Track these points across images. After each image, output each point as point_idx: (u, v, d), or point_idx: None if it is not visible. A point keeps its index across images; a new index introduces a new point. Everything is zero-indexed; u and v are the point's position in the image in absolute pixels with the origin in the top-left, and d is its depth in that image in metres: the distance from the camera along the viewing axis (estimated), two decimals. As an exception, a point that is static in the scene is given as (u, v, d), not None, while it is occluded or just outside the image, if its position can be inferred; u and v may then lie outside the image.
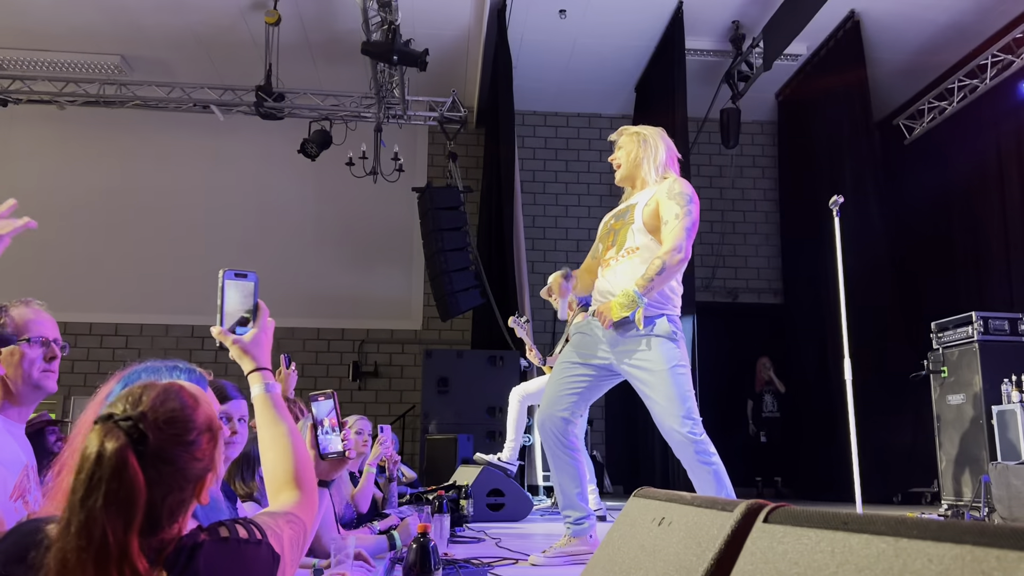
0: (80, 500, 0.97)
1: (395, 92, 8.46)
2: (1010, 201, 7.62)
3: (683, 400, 2.97)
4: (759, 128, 10.00)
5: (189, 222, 9.21)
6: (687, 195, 3.09)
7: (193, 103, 8.66)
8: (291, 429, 1.42)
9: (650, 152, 3.25)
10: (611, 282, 3.15)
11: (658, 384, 3.01)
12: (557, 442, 3.22)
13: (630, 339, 3.06)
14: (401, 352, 9.42)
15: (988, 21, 7.57)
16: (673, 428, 2.97)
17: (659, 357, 3.01)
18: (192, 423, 1.11)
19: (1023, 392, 5.37)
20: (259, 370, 1.48)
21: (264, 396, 1.45)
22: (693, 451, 2.95)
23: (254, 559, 1.11)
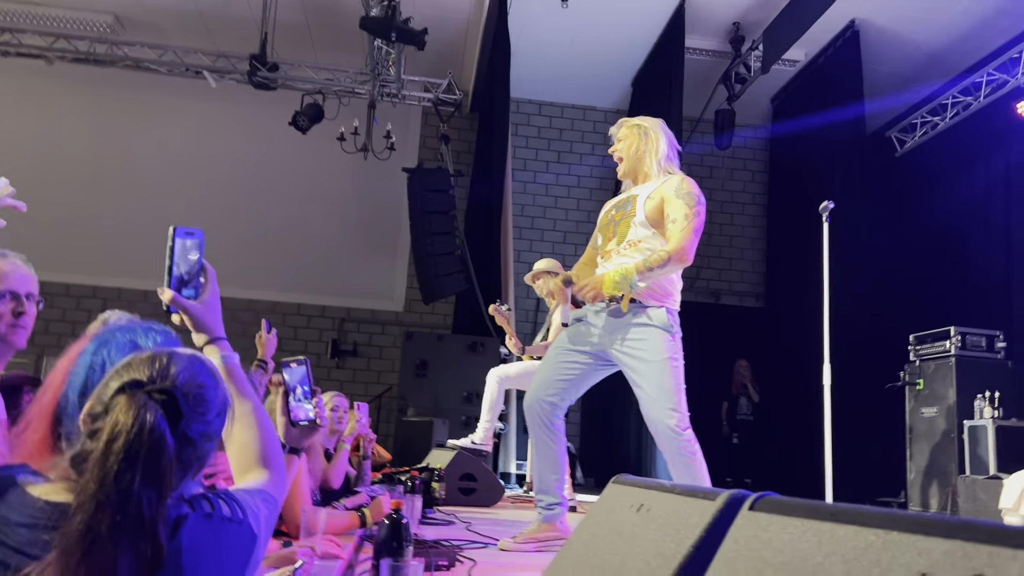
0: (116, 474, 0.93)
1: (391, 70, 8.39)
2: (994, 220, 7.68)
3: (673, 393, 2.96)
4: (752, 132, 10.02)
5: (174, 187, 9.09)
6: (695, 195, 3.07)
7: (185, 67, 8.55)
8: (256, 406, 1.35)
9: (651, 145, 3.22)
10: None
11: (649, 374, 2.99)
12: (542, 426, 3.20)
13: (626, 327, 3.04)
14: (381, 333, 9.38)
15: (986, 40, 7.61)
16: (659, 420, 2.96)
17: (654, 347, 3.00)
18: (212, 403, 1.09)
19: (996, 408, 5.43)
20: (215, 340, 1.39)
21: (224, 369, 1.35)
22: (677, 445, 2.94)
23: (234, 539, 1.07)
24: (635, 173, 3.25)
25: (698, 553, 1.04)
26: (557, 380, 3.20)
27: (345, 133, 8.08)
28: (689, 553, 1.04)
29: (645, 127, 3.26)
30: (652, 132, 3.25)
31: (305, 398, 1.80)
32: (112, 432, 0.95)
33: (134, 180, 9.07)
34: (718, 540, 1.02)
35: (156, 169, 9.13)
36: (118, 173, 9.08)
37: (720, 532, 1.04)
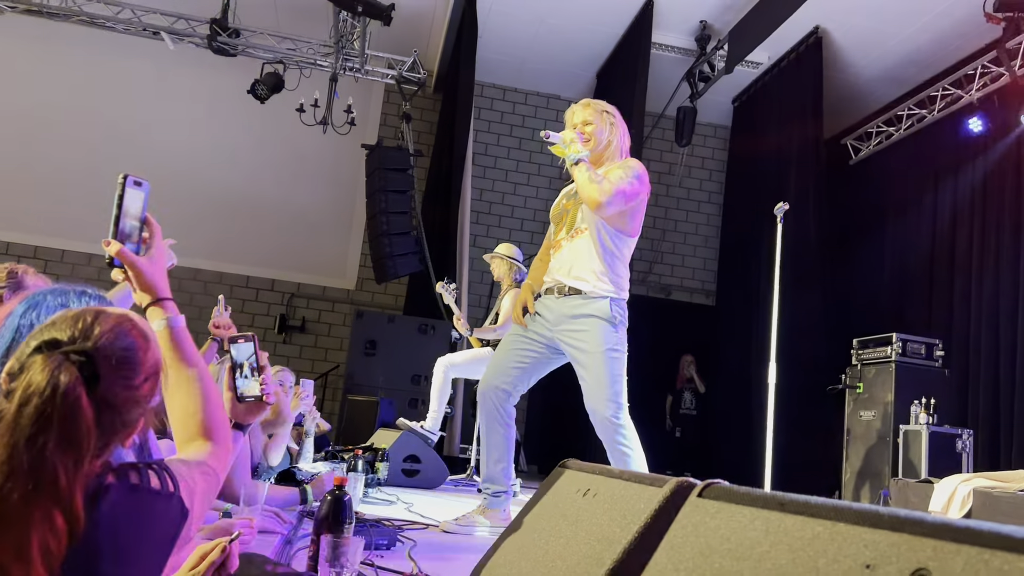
0: (27, 439, 0.87)
1: (355, 44, 8.26)
2: (939, 232, 7.89)
3: (611, 383, 3.01)
4: (712, 131, 10.11)
5: (124, 150, 8.82)
6: (635, 170, 3.11)
7: (143, 27, 8.28)
8: (202, 373, 1.28)
9: (615, 136, 3.25)
10: (561, 261, 3.18)
11: (590, 364, 3.04)
12: (495, 412, 3.22)
13: (571, 318, 3.09)
14: (331, 310, 9.27)
15: (943, 55, 7.78)
16: (597, 410, 3.02)
17: (595, 339, 3.04)
18: (141, 366, 1.03)
19: (931, 415, 5.59)
20: (161, 301, 1.31)
21: (167, 332, 1.27)
22: (615, 435, 3.01)
23: (162, 513, 1.02)
24: (599, 160, 3.23)
25: (643, 538, 1.04)
26: (511, 368, 3.23)
27: (305, 105, 7.93)
28: (635, 538, 1.04)
29: (613, 117, 3.27)
30: (618, 122, 3.28)
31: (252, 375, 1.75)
32: (25, 394, 0.90)
33: (81, 139, 8.78)
34: (665, 526, 1.02)
35: (105, 129, 8.85)
36: (65, 131, 8.78)
37: (667, 518, 1.04)
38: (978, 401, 6.97)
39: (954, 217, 7.72)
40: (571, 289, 3.12)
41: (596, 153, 3.21)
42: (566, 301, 3.11)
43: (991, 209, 7.26)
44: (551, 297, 3.18)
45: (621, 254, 3.18)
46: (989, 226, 7.25)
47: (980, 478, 4.53)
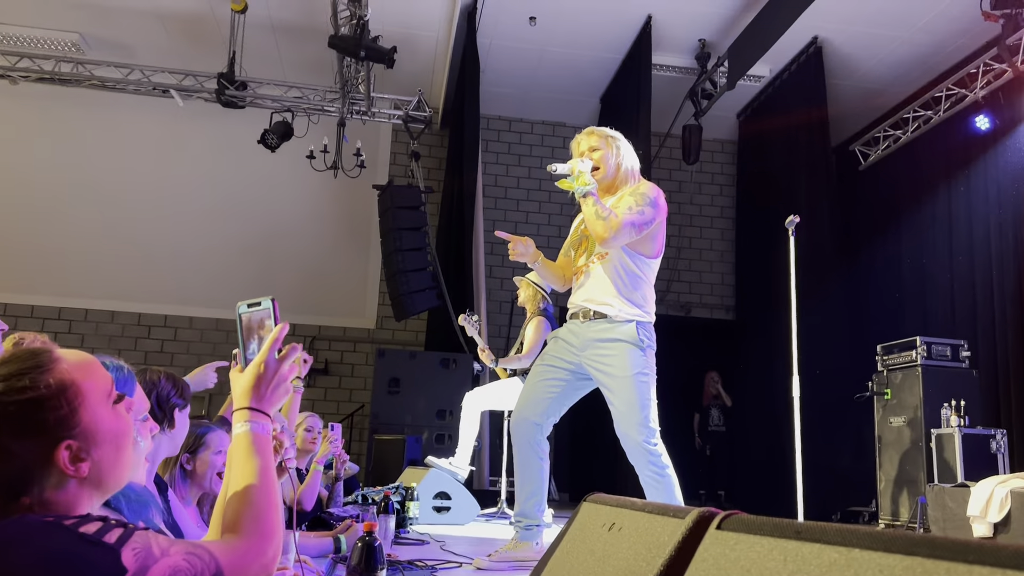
0: None
1: (360, 88, 8.39)
2: (956, 232, 7.83)
3: (642, 408, 2.99)
4: (719, 146, 10.15)
5: (141, 207, 9.00)
6: (649, 197, 3.09)
7: (152, 86, 8.48)
8: (264, 467, 1.25)
9: (625, 160, 3.25)
10: (585, 287, 3.17)
11: (619, 390, 3.02)
12: (528, 446, 3.20)
13: (597, 342, 3.08)
14: (353, 350, 9.33)
15: (945, 55, 7.79)
16: (628, 435, 2.99)
17: (623, 363, 3.02)
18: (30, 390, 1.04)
19: (961, 417, 5.52)
20: (247, 409, 1.29)
21: (248, 436, 1.27)
22: (647, 460, 2.97)
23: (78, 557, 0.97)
24: (611, 187, 3.24)
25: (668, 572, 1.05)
26: (540, 399, 3.21)
27: (315, 151, 8.05)
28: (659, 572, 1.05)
29: (618, 143, 3.27)
30: (623, 147, 3.28)
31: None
32: None
33: (100, 200, 8.96)
34: (687, 559, 1.04)
35: (122, 189, 9.03)
36: (84, 193, 8.97)
37: (689, 550, 1.05)
38: (1010, 400, 6.88)
39: (969, 215, 7.68)
40: (596, 314, 3.11)
41: (607, 180, 3.21)
42: (591, 325, 3.11)
43: (1007, 204, 7.21)
44: (576, 322, 3.17)
45: (645, 276, 3.16)
46: (1006, 222, 7.20)
47: (1017, 479, 4.46)
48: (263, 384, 1.30)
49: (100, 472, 1.08)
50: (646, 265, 3.16)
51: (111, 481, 1.11)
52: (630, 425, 2.99)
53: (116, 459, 1.11)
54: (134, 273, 8.86)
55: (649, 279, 3.18)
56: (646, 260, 3.15)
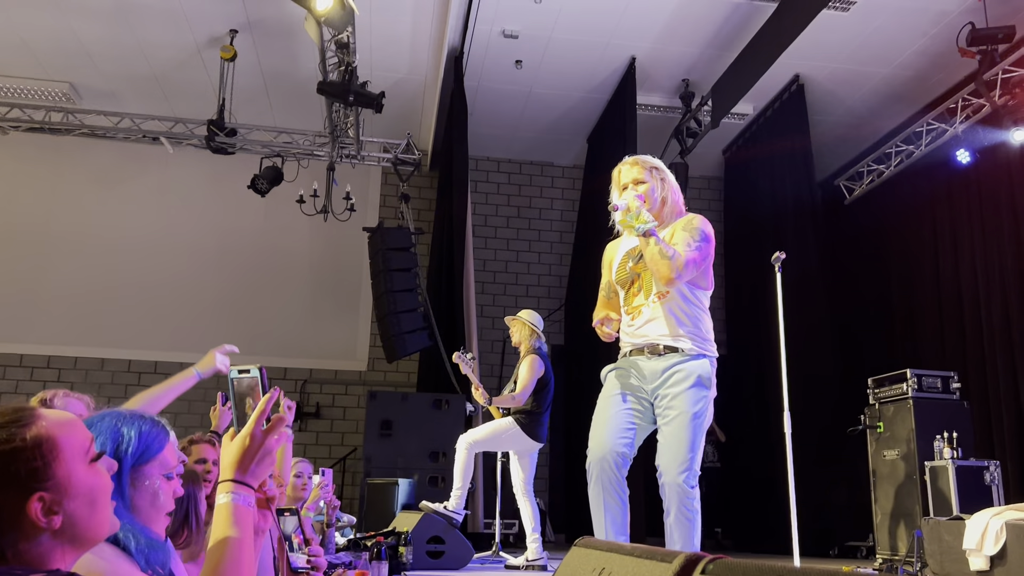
0: None
1: (349, 132, 8.47)
2: (943, 263, 7.91)
3: (690, 449, 2.93)
4: (706, 183, 10.25)
5: (131, 253, 9.01)
6: (701, 230, 3.07)
7: (142, 134, 8.54)
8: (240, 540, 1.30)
9: (669, 193, 3.19)
10: (648, 325, 3.09)
11: (675, 424, 2.96)
12: (613, 482, 3.02)
13: (670, 372, 3.00)
14: (345, 393, 9.29)
15: (924, 90, 7.94)
16: (669, 472, 2.93)
17: (687, 399, 2.96)
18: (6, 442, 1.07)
19: (954, 448, 5.52)
20: (231, 481, 1.33)
21: (230, 506, 1.31)
22: (681, 500, 2.93)
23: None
24: (659, 219, 3.12)
25: (656, 618, 1.05)
26: (624, 427, 3.04)
27: (304, 195, 8.10)
28: (647, 619, 1.05)
29: (662, 173, 3.21)
30: (668, 178, 3.23)
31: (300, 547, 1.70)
32: None
33: (90, 248, 8.97)
34: (675, 604, 1.04)
35: (112, 236, 9.05)
36: (74, 242, 8.98)
37: (677, 596, 1.05)
38: (1002, 430, 6.89)
39: (955, 247, 7.76)
40: (667, 348, 3.03)
41: (653, 213, 3.09)
42: (662, 360, 3.02)
43: (990, 236, 7.29)
44: (642, 357, 3.08)
45: (705, 308, 3.15)
46: (991, 253, 7.27)
47: (1012, 510, 4.45)
48: (248, 457, 1.34)
49: (74, 526, 1.10)
50: (704, 296, 3.15)
51: (86, 536, 1.12)
52: (674, 463, 2.92)
53: (91, 515, 1.12)
54: (124, 320, 8.84)
55: (707, 310, 3.17)
56: (704, 292, 3.14)
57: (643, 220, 2.91)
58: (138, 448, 1.46)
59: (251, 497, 1.34)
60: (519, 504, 5.29)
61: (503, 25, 7.33)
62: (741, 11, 7.00)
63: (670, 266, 2.89)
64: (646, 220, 2.91)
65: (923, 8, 6.75)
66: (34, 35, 7.48)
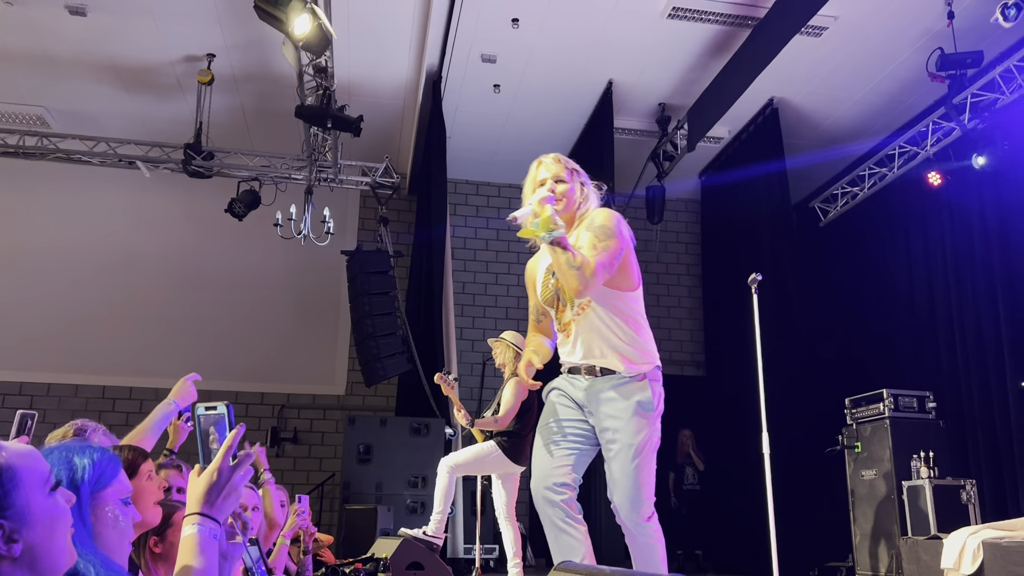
0: None
1: (328, 156, 8.47)
2: (917, 284, 8.01)
3: (638, 481, 2.76)
4: (683, 205, 10.33)
5: (106, 278, 8.91)
6: (607, 227, 2.78)
7: (118, 158, 8.48)
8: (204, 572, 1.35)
9: (588, 199, 2.99)
10: (580, 343, 2.86)
11: (620, 458, 2.78)
12: (562, 516, 2.82)
13: (607, 402, 2.80)
14: (323, 418, 9.20)
15: (895, 114, 8.07)
16: (622, 507, 2.77)
17: (629, 430, 2.77)
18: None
19: (931, 468, 5.56)
20: (198, 514, 1.38)
21: (194, 536, 1.36)
22: (638, 533, 2.80)
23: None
24: (567, 220, 2.90)
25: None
26: (563, 456, 2.84)
27: (282, 219, 8.07)
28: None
29: (583, 177, 3.03)
30: (588, 184, 3.04)
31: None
32: None
33: (64, 273, 8.87)
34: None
35: (87, 261, 8.95)
36: (47, 266, 8.87)
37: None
38: (978, 449, 6.95)
39: (928, 268, 7.86)
40: (603, 369, 2.82)
41: (568, 212, 2.91)
42: (599, 381, 2.82)
43: (962, 257, 7.40)
44: (579, 377, 2.87)
45: (637, 311, 2.89)
46: (963, 273, 7.37)
47: (988, 529, 4.48)
48: (215, 492, 1.38)
49: (33, 555, 1.12)
50: (634, 299, 2.88)
51: (44, 566, 1.14)
52: (624, 498, 2.75)
53: (50, 544, 1.15)
54: (98, 345, 8.73)
55: (642, 313, 2.92)
56: (631, 294, 2.87)
57: (549, 227, 2.60)
58: (93, 476, 1.46)
59: (217, 530, 1.38)
60: (501, 528, 5.24)
61: (481, 49, 7.38)
62: (716, 36, 7.10)
63: (579, 276, 2.61)
64: (553, 226, 2.60)
65: (893, 34, 6.88)
66: (7, 59, 7.43)
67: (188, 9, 6.78)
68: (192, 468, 1.45)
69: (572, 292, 2.71)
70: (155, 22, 6.95)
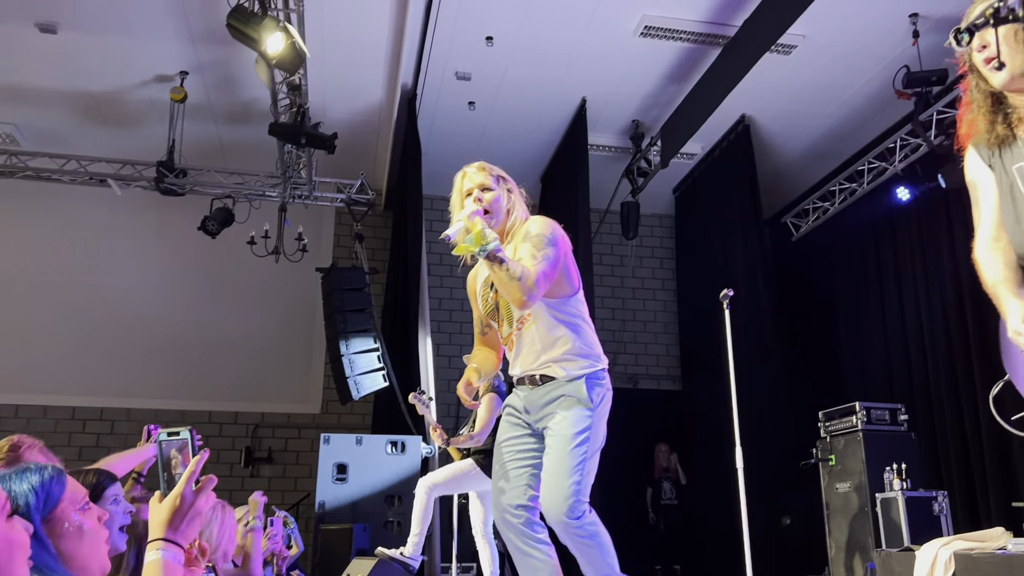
0: None
1: (302, 173, 8.44)
2: (888, 298, 8.11)
3: (571, 475, 2.60)
4: (658, 221, 10.40)
5: (76, 297, 8.79)
6: (544, 236, 2.73)
7: (89, 176, 8.39)
8: None
9: (517, 205, 2.92)
10: (523, 354, 2.82)
11: (552, 451, 2.67)
12: (523, 538, 2.72)
13: (546, 405, 2.76)
14: (298, 437, 9.11)
15: (865, 130, 8.20)
16: (551, 509, 2.61)
17: (564, 422, 2.67)
18: None
19: (904, 480, 5.61)
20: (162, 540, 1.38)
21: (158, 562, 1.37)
22: (571, 536, 2.62)
23: None
24: (500, 233, 2.81)
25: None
26: (518, 476, 2.76)
27: (256, 237, 8.01)
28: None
29: (510, 183, 2.97)
30: (515, 189, 2.97)
31: None
32: None
33: (33, 292, 8.73)
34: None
35: (57, 280, 8.82)
36: (16, 285, 8.73)
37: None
38: (949, 460, 7.03)
39: (899, 282, 7.97)
40: (543, 377, 2.77)
41: (498, 221, 2.85)
42: (541, 389, 2.77)
43: (932, 270, 7.51)
44: (524, 388, 2.83)
45: (578, 315, 2.82)
46: (933, 287, 7.48)
47: (959, 540, 4.52)
48: (179, 517, 1.39)
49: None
50: (574, 304, 2.82)
51: None
52: (554, 495, 2.60)
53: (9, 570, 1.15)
54: (68, 365, 8.59)
55: (584, 316, 2.85)
56: (572, 299, 2.82)
57: (483, 240, 2.52)
58: (39, 500, 1.43)
59: (181, 555, 1.39)
60: (478, 546, 5.22)
61: (456, 67, 7.41)
62: (688, 55, 7.18)
63: (520, 288, 2.54)
64: (487, 240, 2.53)
65: (861, 53, 6.99)
66: (-23, 76, 7.35)
67: (161, 27, 6.75)
68: None
69: (516, 304, 2.66)
70: (127, 40, 6.91)
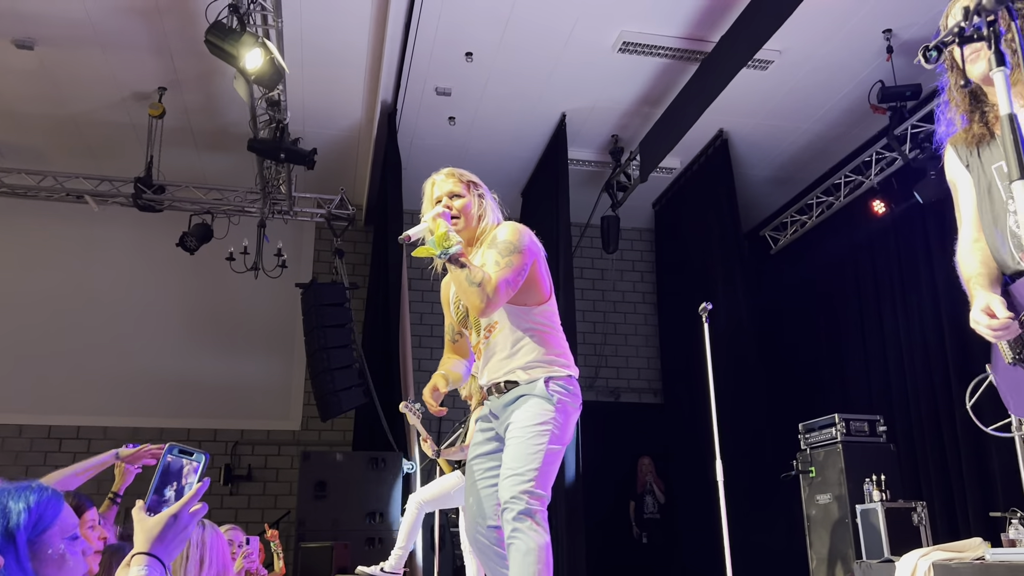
0: None
1: (281, 188, 8.41)
2: (866, 310, 8.18)
3: (528, 460, 2.52)
4: (638, 235, 10.44)
5: (52, 314, 8.68)
6: (511, 243, 2.70)
7: (66, 192, 8.32)
8: None
9: (488, 214, 2.89)
10: (491, 364, 2.79)
11: (513, 439, 2.59)
12: (495, 555, 2.69)
13: (508, 406, 2.72)
14: (277, 454, 9.03)
15: (841, 144, 8.28)
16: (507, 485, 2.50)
17: (524, 415, 2.62)
18: None
19: (883, 491, 5.64)
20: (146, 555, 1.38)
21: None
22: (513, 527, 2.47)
23: None
24: (468, 238, 2.83)
25: None
26: (489, 496, 2.71)
27: (235, 253, 7.97)
28: None
29: (482, 189, 2.94)
30: (487, 195, 2.95)
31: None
32: None
33: (8, 309, 8.62)
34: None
35: (33, 297, 8.71)
36: (-8, 302, 8.63)
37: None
38: (928, 471, 7.08)
39: (877, 294, 8.04)
40: (507, 383, 2.73)
41: (468, 227, 2.83)
42: (505, 396, 2.74)
43: (909, 282, 7.59)
44: (493, 397, 2.80)
45: (547, 324, 2.79)
46: (910, 299, 7.56)
47: (938, 551, 4.55)
48: (170, 534, 1.40)
49: None
50: (542, 313, 2.79)
51: None
52: (510, 480, 2.49)
53: None
54: (43, 383, 8.47)
55: (554, 325, 2.81)
56: (540, 308, 2.79)
57: (446, 244, 2.52)
58: (30, 521, 1.41)
59: (163, 573, 1.38)
60: (465, 561, 5.19)
61: (436, 82, 7.42)
62: (666, 70, 7.23)
63: (479, 294, 2.52)
64: (450, 243, 2.53)
65: (836, 68, 7.08)
66: (-49, 92, 7.28)
67: (138, 43, 6.72)
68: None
69: (474, 310, 2.61)
70: (104, 56, 6.87)
